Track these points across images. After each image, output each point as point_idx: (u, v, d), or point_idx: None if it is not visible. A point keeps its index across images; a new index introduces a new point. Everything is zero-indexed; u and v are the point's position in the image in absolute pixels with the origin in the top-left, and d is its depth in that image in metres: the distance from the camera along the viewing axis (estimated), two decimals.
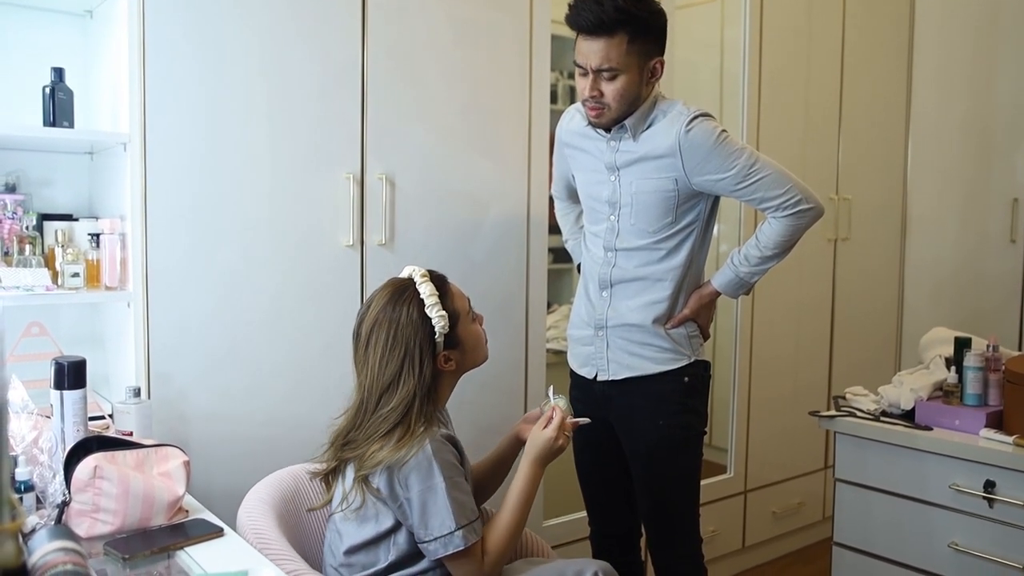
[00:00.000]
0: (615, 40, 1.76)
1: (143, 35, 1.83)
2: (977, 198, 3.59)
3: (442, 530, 1.49)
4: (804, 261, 3.33)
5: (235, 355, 2.00)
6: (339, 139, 2.12)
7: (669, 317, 1.95)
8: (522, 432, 1.77)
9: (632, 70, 1.80)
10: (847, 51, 3.43)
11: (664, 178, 1.87)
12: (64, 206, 2.07)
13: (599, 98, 1.83)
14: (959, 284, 3.63)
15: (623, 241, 1.95)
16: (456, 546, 1.49)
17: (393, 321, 1.54)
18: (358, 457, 1.54)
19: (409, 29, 2.22)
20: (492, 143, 2.41)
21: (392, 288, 1.59)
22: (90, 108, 2.04)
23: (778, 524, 3.32)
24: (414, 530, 1.52)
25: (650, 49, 1.82)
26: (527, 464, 1.64)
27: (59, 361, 1.59)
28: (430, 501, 1.49)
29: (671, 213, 1.90)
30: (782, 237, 1.90)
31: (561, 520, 2.67)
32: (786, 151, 3.23)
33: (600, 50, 1.77)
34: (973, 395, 2.15)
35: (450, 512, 1.49)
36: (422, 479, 1.49)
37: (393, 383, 1.53)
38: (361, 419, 1.56)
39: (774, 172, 1.86)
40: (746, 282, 1.98)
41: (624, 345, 1.96)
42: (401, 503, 1.51)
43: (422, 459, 1.49)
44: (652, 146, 1.87)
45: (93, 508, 1.43)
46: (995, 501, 1.99)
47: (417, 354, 1.53)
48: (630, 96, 1.83)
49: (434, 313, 1.55)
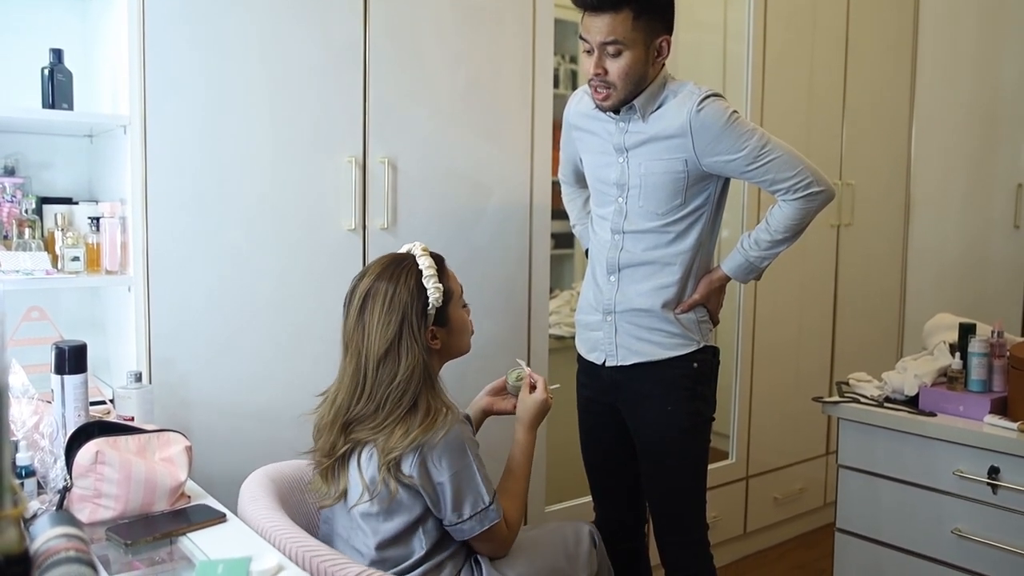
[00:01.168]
0: (620, 15, 1.75)
1: (143, 16, 1.81)
2: (981, 183, 3.58)
3: (476, 507, 1.53)
4: (807, 246, 3.31)
5: (237, 340, 1.99)
6: (341, 122, 2.10)
7: (678, 302, 1.93)
8: (489, 405, 1.83)
9: (637, 46, 1.78)
10: (851, 35, 3.40)
11: (674, 159, 1.85)
12: (64, 189, 2.05)
13: (604, 76, 1.80)
14: (963, 270, 3.62)
15: (631, 223, 1.93)
16: (492, 520, 1.54)
17: (391, 287, 1.54)
18: (375, 442, 1.50)
19: (411, 11, 2.19)
20: (495, 127, 2.39)
21: (391, 258, 1.61)
22: (90, 90, 2.02)
23: (780, 510, 3.32)
24: (444, 514, 1.53)
25: (656, 26, 1.80)
26: (524, 430, 1.72)
27: (60, 346, 1.58)
28: (465, 481, 1.52)
29: (680, 195, 1.88)
30: (793, 220, 1.89)
31: (563, 506, 2.67)
32: (789, 136, 3.19)
33: (605, 24, 1.76)
34: (977, 381, 2.14)
35: (483, 489, 1.54)
36: (456, 461, 1.51)
37: (391, 349, 1.51)
38: (361, 390, 1.52)
39: (785, 154, 1.85)
40: (756, 267, 1.96)
41: (632, 330, 1.94)
42: (435, 488, 1.51)
43: (453, 441, 1.51)
44: (662, 126, 1.85)
45: (95, 493, 1.42)
46: (999, 487, 1.98)
47: (414, 322, 1.53)
48: (635, 75, 1.81)
49: (430, 284, 1.55)
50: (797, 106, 3.24)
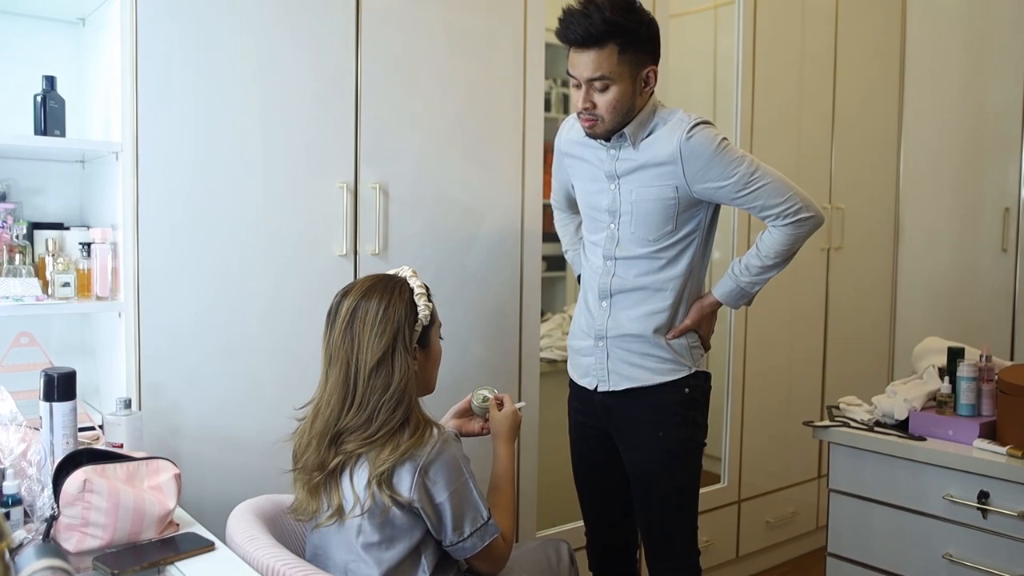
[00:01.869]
0: (605, 51, 1.76)
1: (135, 43, 1.82)
2: (969, 207, 3.61)
3: (476, 523, 1.55)
4: (798, 270, 3.32)
5: (227, 366, 1.99)
6: (332, 148, 2.11)
7: (670, 327, 1.94)
8: (458, 427, 1.87)
9: (624, 80, 1.80)
10: (840, 61, 3.44)
11: (664, 186, 1.86)
12: (55, 215, 2.06)
13: (592, 110, 1.82)
14: (952, 293, 3.64)
15: (623, 250, 1.94)
16: (492, 534, 1.56)
17: (384, 300, 1.55)
18: (367, 454, 1.49)
19: (403, 37, 2.21)
20: (486, 152, 2.40)
21: (381, 276, 1.62)
22: (82, 116, 2.03)
23: (772, 534, 3.31)
24: (446, 534, 1.53)
25: (641, 58, 1.82)
26: (502, 445, 1.78)
27: (48, 373, 1.57)
28: (464, 499, 1.54)
29: (671, 221, 1.89)
30: (783, 246, 1.90)
31: (554, 530, 2.66)
32: (779, 161, 3.24)
33: (591, 61, 1.77)
34: (966, 405, 2.15)
35: (481, 504, 1.56)
36: (453, 480, 1.52)
37: (385, 359, 1.51)
38: (352, 399, 1.51)
39: (775, 180, 1.86)
40: (747, 292, 1.97)
41: (624, 356, 1.95)
42: (436, 507, 1.51)
43: (449, 460, 1.52)
44: (652, 153, 1.87)
45: (82, 522, 1.41)
46: (989, 512, 1.99)
47: (406, 336, 1.54)
48: (623, 107, 1.83)
49: (421, 302, 1.58)
50: (786, 131, 3.27)
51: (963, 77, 3.61)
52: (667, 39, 2.77)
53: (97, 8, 1.95)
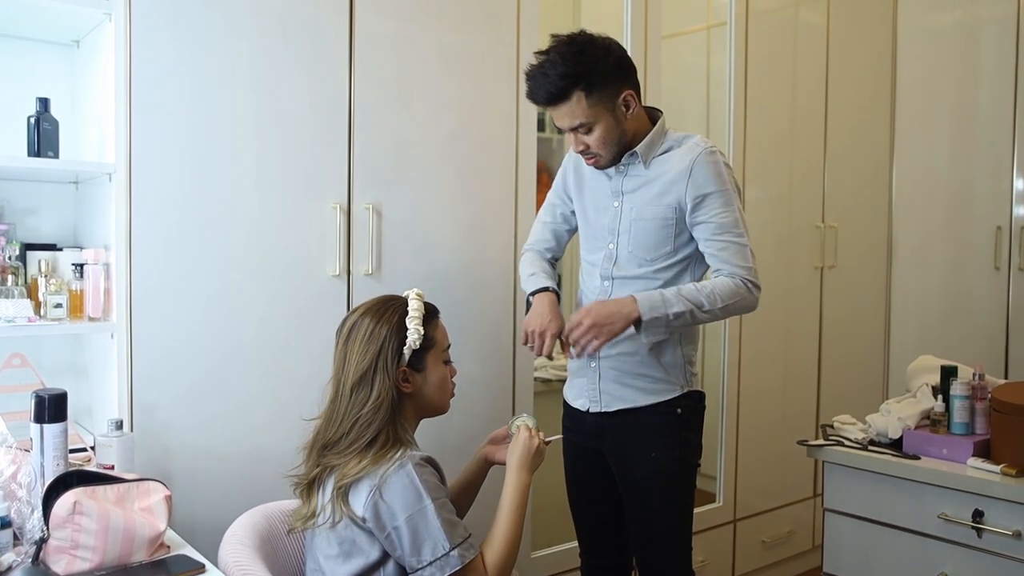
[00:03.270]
0: (572, 101, 1.79)
1: (129, 65, 1.84)
2: (961, 226, 3.62)
3: (436, 553, 1.48)
4: (791, 289, 3.34)
5: (220, 386, 1.98)
6: (326, 168, 2.12)
7: (663, 348, 1.92)
8: (489, 454, 1.81)
9: (603, 117, 1.82)
10: (831, 80, 3.46)
11: (666, 205, 1.87)
12: (49, 236, 2.06)
13: (587, 150, 1.87)
14: (945, 311, 3.65)
15: (620, 269, 1.93)
16: (452, 567, 1.48)
17: (375, 320, 1.59)
18: (339, 467, 1.53)
19: (396, 58, 2.23)
20: (479, 171, 2.41)
21: (385, 297, 1.66)
22: (76, 137, 2.04)
23: (768, 553, 3.30)
24: (405, 560, 1.50)
25: (611, 91, 1.82)
26: (514, 471, 1.67)
27: (39, 394, 1.57)
28: (421, 525, 1.48)
29: (670, 242, 1.89)
30: (725, 292, 1.83)
31: (551, 551, 2.65)
32: (772, 179, 3.26)
33: (565, 114, 1.82)
34: (960, 424, 2.14)
35: (443, 533, 1.48)
36: (409, 504, 1.48)
37: (365, 377, 1.55)
38: (335, 413, 1.56)
39: (748, 247, 1.88)
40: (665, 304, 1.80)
41: (616, 376, 1.94)
42: (388, 533, 1.49)
43: (407, 484, 1.49)
44: (665, 169, 1.88)
45: (72, 545, 1.40)
46: (983, 531, 1.98)
47: (388, 357, 1.57)
48: (613, 138, 1.85)
49: (412, 325, 1.59)
50: (779, 150, 3.28)
51: (954, 96, 3.64)
52: (660, 60, 2.82)
53: (92, 30, 1.96)
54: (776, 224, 3.28)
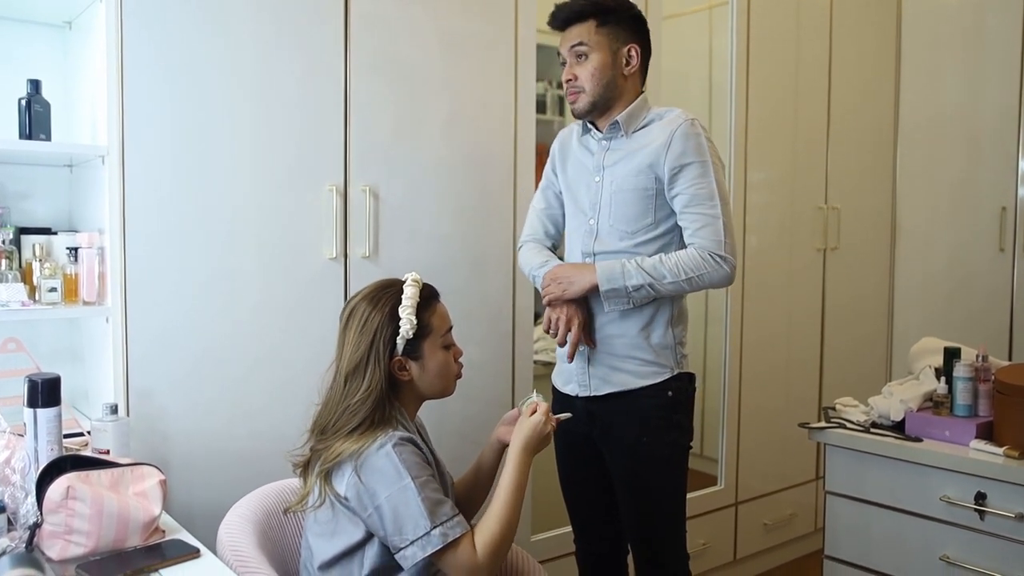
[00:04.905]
0: (585, 24, 1.89)
1: (121, 46, 1.81)
2: (966, 207, 3.59)
3: (417, 532, 1.45)
4: (794, 271, 3.32)
5: (217, 370, 1.97)
6: (322, 150, 2.10)
7: (652, 329, 1.90)
8: (503, 436, 1.76)
9: (603, 50, 1.88)
10: (835, 60, 3.42)
11: (645, 176, 1.87)
12: (43, 219, 2.04)
13: (574, 81, 1.90)
14: (949, 293, 3.62)
15: (601, 244, 1.92)
16: (434, 545, 1.44)
17: (369, 309, 1.58)
18: (323, 451, 1.53)
19: (392, 39, 2.20)
20: (477, 153, 2.39)
21: (381, 282, 1.64)
22: (69, 120, 2.02)
23: (770, 536, 3.29)
24: (389, 540, 1.48)
25: (621, 34, 1.89)
26: (515, 452, 1.62)
27: (32, 379, 1.56)
28: (401, 504, 1.45)
29: (650, 214, 1.88)
30: (687, 265, 1.82)
31: (548, 535, 2.64)
32: (775, 161, 3.23)
33: (572, 33, 1.90)
34: (963, 406, 2.13)
35: (423, 512, 1.45)
36: (389, 483, 1.46)
37: (359, 368, 1.55)
38: (333, 400, 1.57)
39: (719, 220, 1.83)
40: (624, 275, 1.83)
41: (605, 359, 1.93)
42: (370, 512, 1.47)
43: (386, 463, 1.47)
44: (647, 140, 1.89)
45: (66, 530, 1.40)
46: (986, 513, 1.97)
47: (381, 348, 1.56)
48: (603, 76, 1.88)
49: (404, 315, 1.57)
50: (782, 131, 3.25)
51: (959, 75, 3.60)
52: (661, 40, 2.78)
53: (83, 11, 1.94)
54: (778, 205, 3.25)
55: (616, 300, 1.87)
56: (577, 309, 1.90)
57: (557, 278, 1.92)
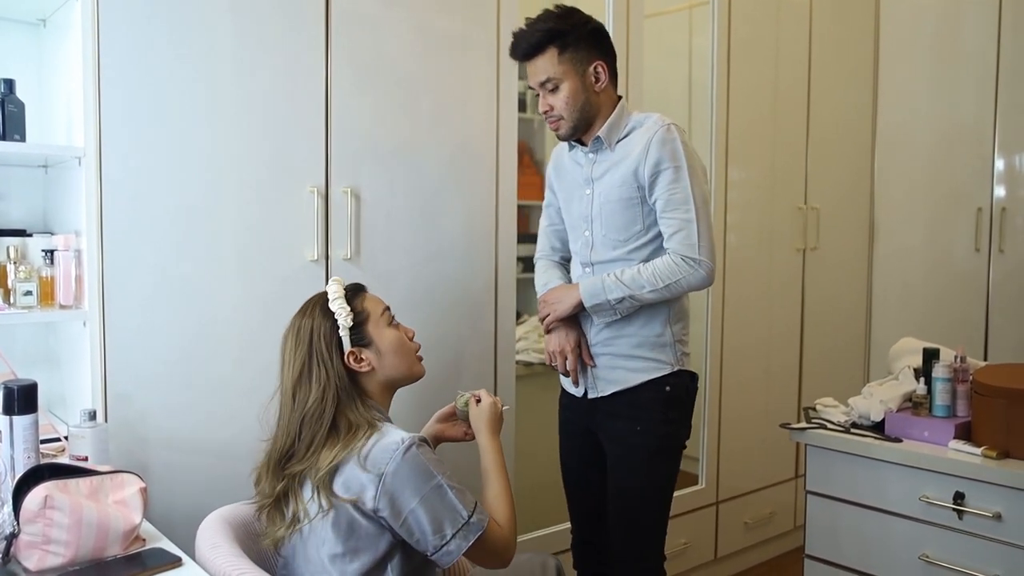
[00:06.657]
0: (546, 56, 1.89)
1: (98, 44, 1.78)
2: (943, 207, 3.62)
3: (456, 524, 1.49)
4: (774, 271, 3.34)
5: (196, 375, 1.95)
6: (302, 151, 2.08)
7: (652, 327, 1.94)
8: (441, 432, 1.84)
9: (570, 77, 1.89)
10: (814, 61, 3.44)
11: (629, 185, 1.90)
12: (18, 221, 2.01)
13: (551, 112, 1.92)
14: (927, 293, 3.66)
15: (597, 254, 1.97)
16: (475, 532, 1.50)
17: (296, 323, 1.61)
18: (309, 468, 1.51)
19: (373, 39, 2.18)
20: (459, 153, 2.37)
21: (306, 301, 1.65)
22: (44, 120, 1.98)
23: (750, 534, 3.32)
24: (425, 541, 1.48)
25: (583, 56, 1.89)
26: (485, 438, 1.71)
27: (8, 385, 1.53)
28: (436, 502, 1.48)
29: (638, 221, 1.91)
30: (662, 271, 1.86)
31: (537, 534, 2.64)
32: (755, 160, 3.24)
33: (537, 68, 1.90)
34: (942, 406, 2.15)
35: (458, 504, 1.50)
36: (421, 486, 1.48)
37: (301, 379, 1.55)
38: (283, 425, 1.56)
39: (693, 223, 1.85)
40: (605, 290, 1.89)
41: (608, 360, 1.97)
42: (405, 518, 1.47)
43: (415, 466, 1.48)
44: (628, 150, 1.91)
45: (43, 540, 1.37)
46: (964, 513, 1.99)
47: (323, 347, 1.56)
48: (577, 102, 1.90)
49: (336, 307, 1.59)
50: (762, 131, 3.27)
51: (936, 77, 3.63)
52: (642, 39, 2.78)
53: (58, 9, 1.90)
54: (758, 205, 3.27)
55: (603, 313, 1.93)
56: (568, 333, 1.98)
57: (546, 301, 2.02)
